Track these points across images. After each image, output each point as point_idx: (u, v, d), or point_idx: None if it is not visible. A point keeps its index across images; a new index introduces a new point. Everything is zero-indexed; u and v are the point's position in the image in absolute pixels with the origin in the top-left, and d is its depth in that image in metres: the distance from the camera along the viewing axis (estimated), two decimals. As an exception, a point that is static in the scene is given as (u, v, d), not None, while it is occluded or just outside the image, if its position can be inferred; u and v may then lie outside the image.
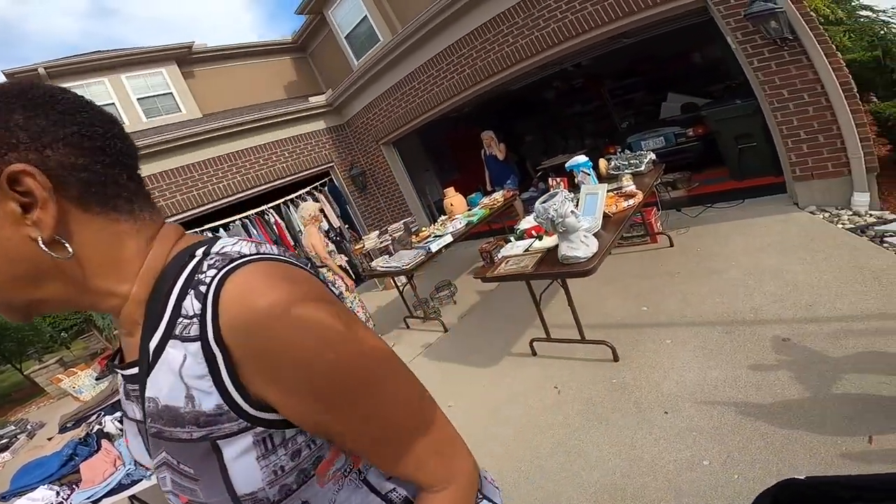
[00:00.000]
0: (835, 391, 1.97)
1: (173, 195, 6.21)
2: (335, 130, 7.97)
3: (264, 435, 0.51)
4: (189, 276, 0.51)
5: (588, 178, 3.62)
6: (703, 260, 3.60)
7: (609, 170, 4.33)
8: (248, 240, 0.59)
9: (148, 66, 7.33)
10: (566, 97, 9.63)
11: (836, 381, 2.01)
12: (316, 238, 4.25)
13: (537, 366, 3.14)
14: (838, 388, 1.97)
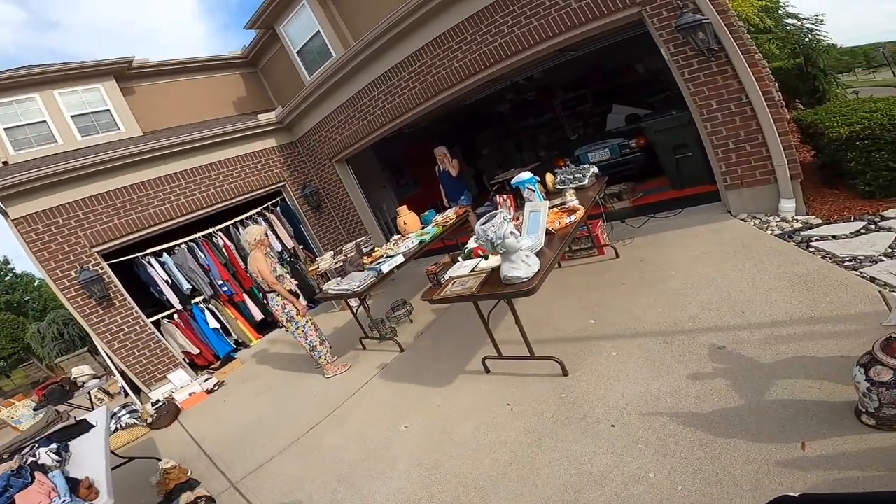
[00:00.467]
0: (768, 397, 2.04)
1: (110, 219, 5.84)
2: (287, 148, 7.76)
3: None
4: None
5: (533, 195, 3.67)
6: (646, 270, 3.71)
7: (555, 184, 4.41)
8: None
9: (84, 82, 6.91)
10: (520, 110, 9.87)
11: (769, 387, 2.08)
12: (262, 263, 4.07)
13: (491, 383, 3.12)
14: (771, 395, 2.04)
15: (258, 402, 4.65)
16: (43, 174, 5.29)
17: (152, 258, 6.19)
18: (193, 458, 3.99)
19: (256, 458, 3.52)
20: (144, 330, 5.91)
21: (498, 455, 2.42)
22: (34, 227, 5.30)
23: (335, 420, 3.58)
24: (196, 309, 6.49)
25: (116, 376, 5.97)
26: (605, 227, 4.64)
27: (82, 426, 3.39)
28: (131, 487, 3.79)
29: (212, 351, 6.46)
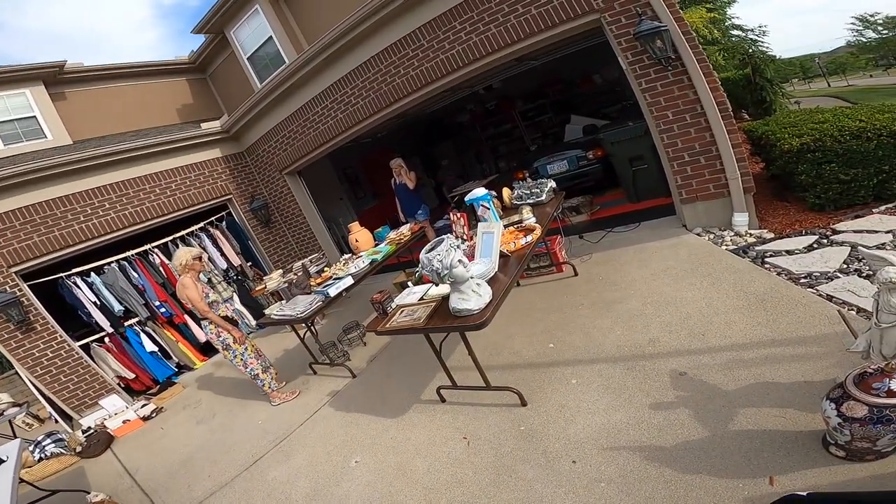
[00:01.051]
0: (732, 428, 1.94)
1: (30, 236, 5.25)
2: (233, 159, 7.29)
3: None
4: None
5: (487, 213, 3.50)
6: (605, 289, 3.62)
7: (512, 199, 4.28)
8: None
9: (8, 87, 6.26)
10: (480, 120, 9.84)
11: (733, 417, 1.99)
12: (191, 290, 3.72)
13: (447, 414, 2.91)
14: (735, 425, 1.94)
15: (199, 430, 4.26)
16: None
17: (78, 278, 5.60)
18: (126, 491, 3.68)
19: (194, 494, 3.21)
20: (71, 355, 5.33)
21: (454, 495, 2.24)
22: (-65, 246, 4.67)
23: (282, 452, 3.28)
24: (130, 332, 5.93)
25: (43, 402, 5.35)
26: (563, 243, 4.55)
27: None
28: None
29: (149, 375, 5.90)
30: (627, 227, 4.71)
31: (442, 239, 2.43)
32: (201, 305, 3.70)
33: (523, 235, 3.19)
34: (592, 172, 5.82)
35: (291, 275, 5.23)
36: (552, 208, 3.88)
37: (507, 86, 8.11)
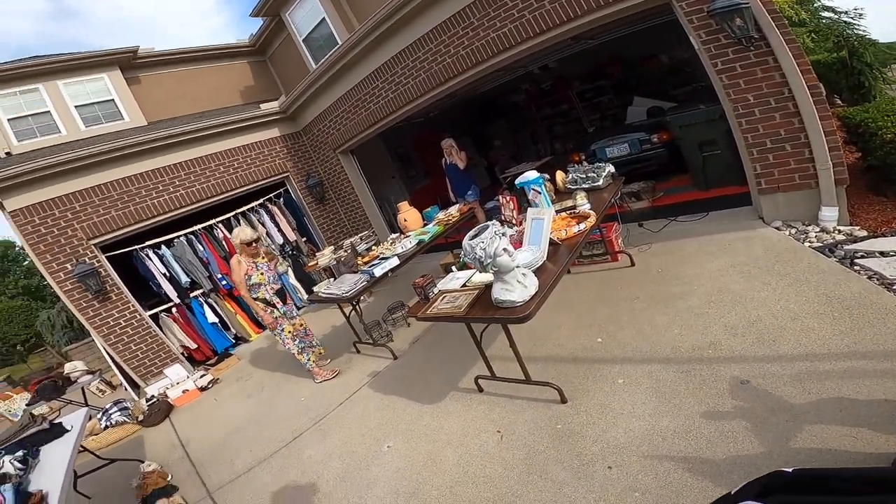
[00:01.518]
0: (793, 445, 1.72)
1: (108, 211, 5.72)
2: (290, 138, 7.53)
3: None
4: None
5: (539, 198, 3.31)
6: (664, 283, 3.33)
7: (566, 183, 4.04)
8: None
9: (89, 72, 6.79)
10: (536, 100, 9.45)
11: (796, 433, 1.76)
12: (235, 270, 3.94)
13: (483, 404, 2.84)
14: (797, 442, 1.73)
15: (248, 403, 4.49)
16: (39, 166, 5.18)
17: (150, 250, 6.06)
18: (176, 462, 3.89)
19: (236, 468, 3.37)
20: (142, 324, 5.81)
21: (480, 491, 2.17)
22: (30, 219, 5.20)
23: (320, 431, 3.38)
24: (195, 303, 6.37)
25: (114, 370, 5.88)
26: (620, 230, 4.26)
27: (55, 430, 3.33)
28: (113, 489, 3.72)
29: (210, 346, 6.33)
30: (694, 216, 4.30)
31: (487, 225, 2.30)
32: (240, 289, 3.95)
33: (576, 223, 2.97)
34: (657, 157, 5.38)
35: (342, 252, 5.32)
36: (610, 194, 3.61)
37: (564, 66, 7.70)
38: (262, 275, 4.03)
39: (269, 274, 4.10)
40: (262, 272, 4.03)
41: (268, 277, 4.07)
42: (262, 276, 4.03)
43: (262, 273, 4.03)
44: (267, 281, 4.07)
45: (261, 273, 4.02)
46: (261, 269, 4.04)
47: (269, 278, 4.08)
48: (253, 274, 3.97)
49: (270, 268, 4.16)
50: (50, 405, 5.14)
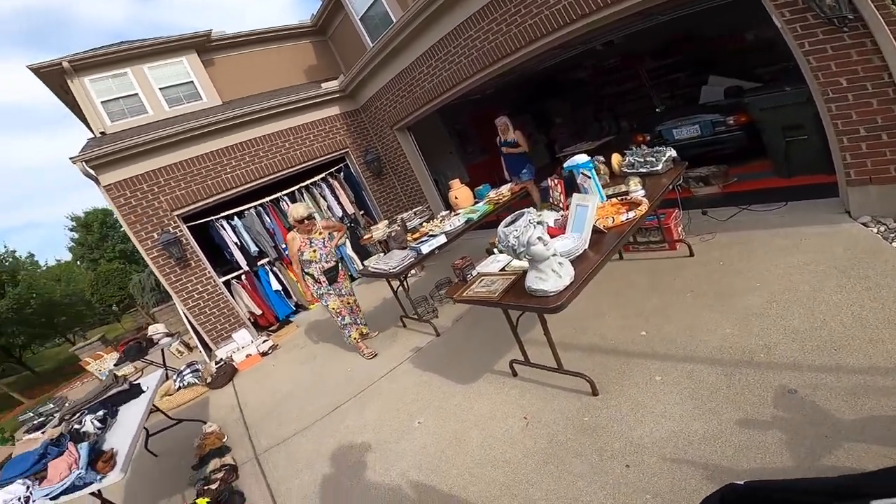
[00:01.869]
0: (825, 461, 1.60)
1: (188, 185, 6.28)
2: (350, 116, 7.77)
3: None
4: None
5: (588, 182, 3.17)
6: (723, 277, 3.10)
7: (622, 167, 3.82)
8: None
9: (169, 56, 7.38)
10: (600, 77, 8.92)
11: (833, 449, 1.64)
12: (290, 248, 4.14)
13: (514, 389, 2.86)
14: (831, 458, 1.61)
15: (300, 371, 4.82)
16: (129, 145, 5.77)
17: (224, 221, 6.59)
18: (233, 424, 4.20)
19: (282, 432, 3.64)
20: (216, 289, 6.40)
21: (497, 474, 2.23)
22: (122, 192, 5.85)
23: (359, 402, 3.58)
24: (261, 271, 6.88)
25: (191, 332, 6.55)
26: (681, 217, 3.98)
27: (133, 391, 3.61)
28: (177, 448, 4.06)
29: (273, 312, 6.85)
30: (769, 205, 3.89)
31: (522, 212, 2.27)
32: (293, 261, 4.18)
33: (626, 210, 2.82)
34: (732, 140, 4.90)
35: (395, 226, 5.47)
36: (669, 180, 3.37)
37: (632, 42, 7.17)
38: (315, 252, 4.12)
39: (321, 252, 4.16)
40: (314, 249, 4.12)
41: (320, 255, 4.15)
42: (313, 254, 4.12)
43: (314, 250, 4.12)
44: (318, 258, 4.15)
45: (313, 250, 4.12)
46: (314, 247, 4.12)
47: (321, 256, 4.15)
48: (305, 250, 4.10)
49: (325, 245, 4.21)
50: (134, 365, 5.74)
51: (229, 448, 3.69)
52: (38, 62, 6.46)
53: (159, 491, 3.55)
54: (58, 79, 6.74)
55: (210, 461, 3.43)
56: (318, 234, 4.20)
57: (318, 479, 2.84)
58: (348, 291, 4.42)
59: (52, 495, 2.41)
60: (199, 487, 3.19)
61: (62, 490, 2.42)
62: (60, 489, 2.42)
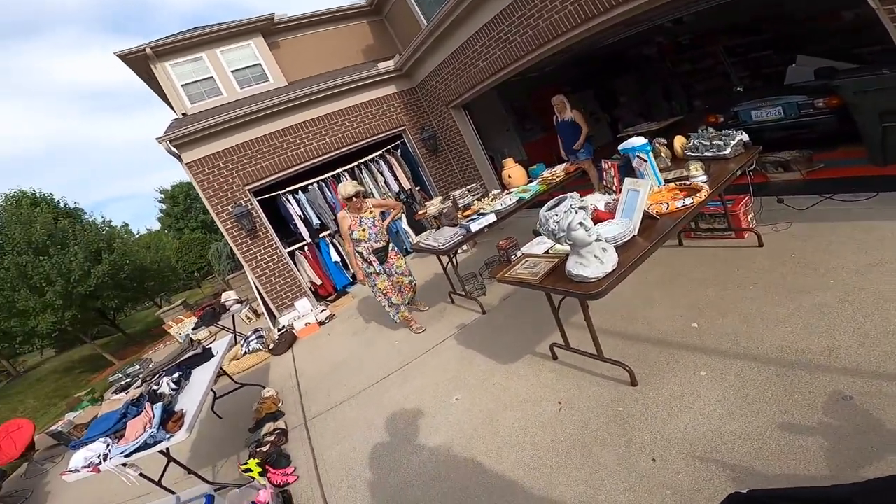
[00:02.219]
0: (863, 473, 1.52)
1: (258, 161, 6.73)
2: (406, 94, 7.87)
3: None
4: None
5: (644, 166, 3.02)
6: (793, 271, 2.87)
7: (686, 150, 3.59)
8: None
9: (238, 40, 7.83)
10: (672, 54, 8.30)
11: (875, 460, 1.54)
12: (341, 226, 4.13)
13: (553, 372, 2.88)
14: (870, 470, 1.52)
15: (352, 341, 5.05)
16: (207, 125, 6.26)
17: (290, 195, 7.01)
18: (288, 390, 4.43)
19: (331, 400, 3.85)
20: (281, 259, 6.89)
21: (523, 456, 2.28)
22: (202, 169, 6.39)
23: (403, 375, 3.72)
24: (322, 242, 7.28)
25: (258, 300, 7.12)
26: (751, 204, 3.69)
27: (206, 355, 3.77)
28: (239, 410, 4.30)
29: (331, 283, 7.26)
30: (857, 195, 3.50)
31: (565, 197, 2.23)
32: (345, 239, 4.17)
33: (684, 196, 2.68)
34: (820, 124, 4.41)
35: (448, 203, 5.54)
36: (737, 165, 3.13)
37: (708, 19, 6.59)
38: (364, 231, 4.04)
39: (371, 231, 4.06)
40: (364, 228, 4.04)
41: (369, 234, 4.05)
42: (363, 233, 4.05)
43: (364, 229, 4.04)
44: (368, 238, 4.06)
45: (363, 229, 4.04)
46: (363, 226, 4.04)
47: (370, 235, 4.06)
48: (355, 229, 4.05)
49: (375, 224, 4.10)
50: (209, 330, 6.29)
51: (283, 413, 3.90)
52: (124, 49, 7.12)
53: (218, 451, 3.78)
54: (143, 64, 7.41)
55: (265, 425, 3.61)
56: (368, 212, 4.10)
57: (357, 448, 3.00)
58: (400, 271, 4.32)
59: (126, 452, 2.56)
60: (251, 449, 3.36)
61: (135, 448, 2.56)
62: (134, 447, 2.56)
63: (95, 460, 2.56)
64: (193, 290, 26.39)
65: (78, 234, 12.36)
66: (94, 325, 15.12)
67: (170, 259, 22.47)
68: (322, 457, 3.10)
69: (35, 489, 4.89)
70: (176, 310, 11.09)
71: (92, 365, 15.04)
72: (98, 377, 12.30)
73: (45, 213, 12.36)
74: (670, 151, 3.68)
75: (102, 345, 15.29)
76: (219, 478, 3.34)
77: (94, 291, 12.15)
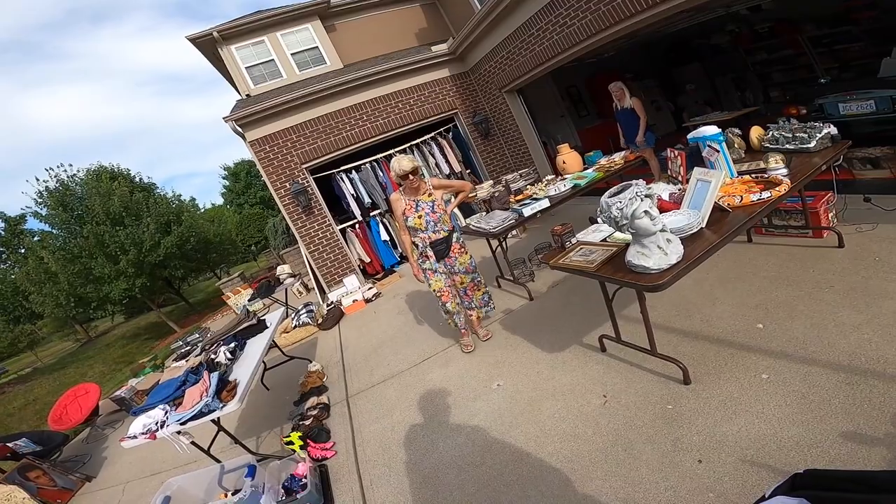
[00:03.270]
0: None
1: (315, 141, 6.97)
2: (459, 78, 7.83)
3: None
4: None
5: (717, 156, 2.84)
6: (875, 274, 2.63)
7: (764, 141, 3.34)
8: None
9: (296, 23, 8.07)
10: (748, 43, 7.73)
11: None
12: (394, 210, 3.38)
13: (600, 365, 2.81)
14: None
15: (397, 320, 5.10)
16: (269, 105, 6.55)
17: (343, 174, 7.22)
18: (333, 365, 4.51)
19: (372, 378, 3.89)
20: (333, 236, 7.14)
21: (561, 447, 2.25)
22: (263, 147, 6.71)
23: (445, 357, 3.72)
24: (373, 221, 7.46)
25: (310, 275, 7.42)
26: (834, 202, 3.40)
27: (260, 326, 3.84)
28: (286, 382, 4.39)
29: (380, 261, 7.45)
30: (958, 196, 3.16)
31: (629, 184, 2.15)
32: (399, 225, 3.47)
33: (759, 190, 2.50)
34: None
35: (499, 187, 5.51)
36: (822, 160, 2.87)
37: (785, 6, 6.07)
38: (420, 218, 3.28)
39: (428, 218, 3.29)
40: (419, 215, 3.27)
41: (426, 222, 3.29)
42: (419, 221, 3.28)
43: (419, 216, 3.28)
44: (424, 226, 3.30)
45: (418, 216, 3.28)
46: (419, 211, 3.27)
47: (427, 223, 3.29)
48: (410, 215, 3.29)
49: (434, 210, 3.32)
50: (263, 302, 6.60)
51: (327, 388, 3.96)
52: (194, 33, 7.53)
53: (264, 423, 3.85)
54: (210, 47, 7.82)
55: (309, 398, 3.68)
56: (426, 195, 3.31)
57: (395, 427, 3.02)
58: (463, 269, 3.53)
59: (182, 420, 2.59)
60: (295, 422, 3.39)
61: (191, 416, 2.59)
62: (190, 415, 2.60)
63: (153, 427, 2.62)
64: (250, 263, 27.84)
65: (150, 207, 13.24)
66: (161, 294, 15.93)
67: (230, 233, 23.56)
68: (360, 434, 3.14)
69: (93, 454, 4.91)
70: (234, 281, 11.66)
71: (156, 332, 15.83)
72: (161, 344, 12.79)
73: (122, 187, 13.24)
74: (744, 142, 3.45)
75: (166, 313, 16.04)
76: (261, 448, 3.41)
77: (162, 261, 12.95)
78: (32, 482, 3.88)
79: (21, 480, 3.82)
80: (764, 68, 7.65)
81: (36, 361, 20.21)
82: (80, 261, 12.05)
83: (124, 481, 3.96)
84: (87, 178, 13.75)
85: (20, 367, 19.42)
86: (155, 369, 6.83)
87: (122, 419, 5.59)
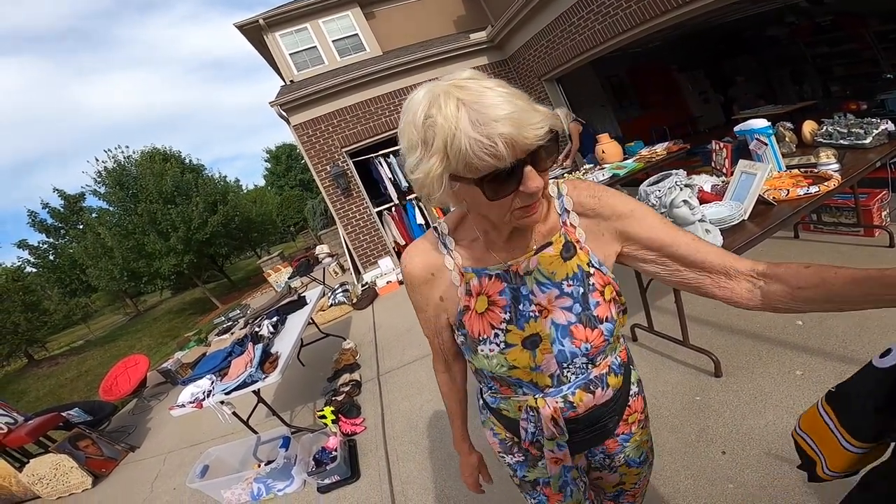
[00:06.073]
0: None
1: (354, 126, 7.14)
2: (497, 66, 7.77)
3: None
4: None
5: (764, 150, 2.78)
6: (925, 277, 2.52)
7: (817, 136, 3.22)
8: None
9: (337, 10, 8.20)
10: (807, 36, 7.31)
11: None
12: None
13: (630, 352, 2.82)
14: None
15: None
16: (312, 90, 6.74)
17: (382, 159, 7.35)
18: (366, 344, 4.61)
19: (403, 358, 3.96)
20: (370, 218, 7.34)
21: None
22: (306, 131, 6.94)
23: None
24: (409, 205, 7.59)
25: (347, 255, 7.65)
26: (888, 200, 3.26)
27: (301, 302, 3.96)
28: (321, 359, 4.53)
29: (414, 243, 7.58)
30: None
31: (669, 173, 2.17)
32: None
33: (808, 184, 2.44)
34: None
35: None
36: (877, 156, 2.76)
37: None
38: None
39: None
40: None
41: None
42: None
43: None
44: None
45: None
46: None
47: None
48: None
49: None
50: (301, 280, 6.84)
51: (359, 365, 4.06)
52: (242, 20, 7.78)
53: (298, 397, 3.97)
54: (256, 34, 8.07)
55: (342, 375, 3.79)
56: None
57: (423, 407, 3.10)
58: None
59: (227, 390, 2.69)
60: (328, 398, 3.51)
61: (235, 386, 2.69)
62: (234, 385, 2.69)
63: (200, 396, 2.70)
64: (288, 243, 28.71)
65: (199, 187, 13.92)
66: (206, 270, 16.67)
67: (271, 213, 24.34)
68: (389, 411, 3.22)
69: (138, 425, 5.00)
70: (273, 260, 12.15)
71: (200, 307, 16.63)
72: (204, 320, 13.24)
73: (173, 168, 13.94)
74: (796, 137, 3.33)
75: (210, 289, 16.68)
76: (295, 421, 3.52)
77: (209, 238, 13.62)
78: (81, 451, 3.97)
79: (71, 449, 3.90)
80: (824, 62, 7.25)
81: (88, 334, 21.42)
82: (133, 237, 12.80)
83: (166, 451, 4.10)
84: (142, 158, 14.51)
85: (73, 340, 20.47)
86: (199, 343, 7.18)
87: (166, 391, 5.78)
